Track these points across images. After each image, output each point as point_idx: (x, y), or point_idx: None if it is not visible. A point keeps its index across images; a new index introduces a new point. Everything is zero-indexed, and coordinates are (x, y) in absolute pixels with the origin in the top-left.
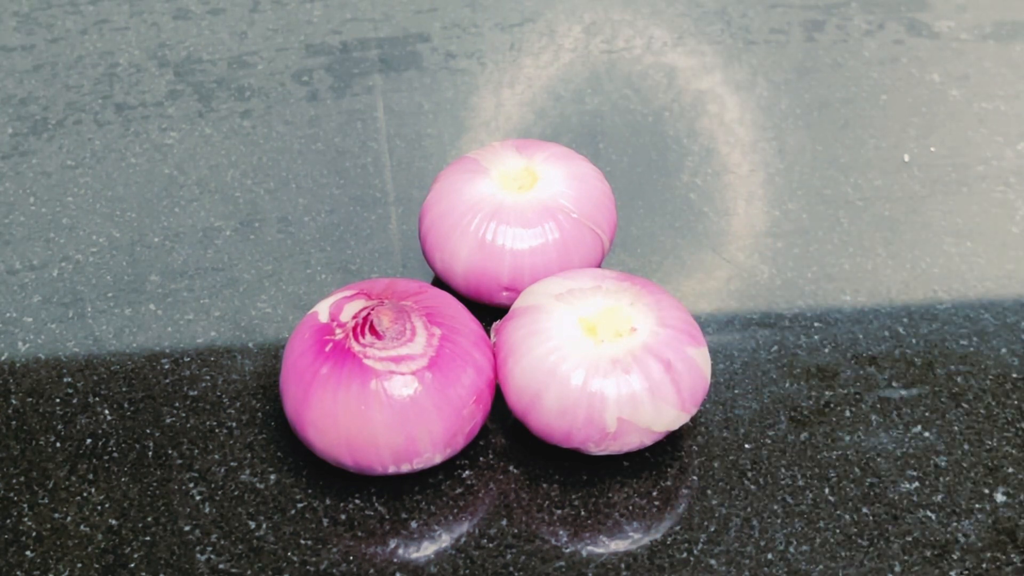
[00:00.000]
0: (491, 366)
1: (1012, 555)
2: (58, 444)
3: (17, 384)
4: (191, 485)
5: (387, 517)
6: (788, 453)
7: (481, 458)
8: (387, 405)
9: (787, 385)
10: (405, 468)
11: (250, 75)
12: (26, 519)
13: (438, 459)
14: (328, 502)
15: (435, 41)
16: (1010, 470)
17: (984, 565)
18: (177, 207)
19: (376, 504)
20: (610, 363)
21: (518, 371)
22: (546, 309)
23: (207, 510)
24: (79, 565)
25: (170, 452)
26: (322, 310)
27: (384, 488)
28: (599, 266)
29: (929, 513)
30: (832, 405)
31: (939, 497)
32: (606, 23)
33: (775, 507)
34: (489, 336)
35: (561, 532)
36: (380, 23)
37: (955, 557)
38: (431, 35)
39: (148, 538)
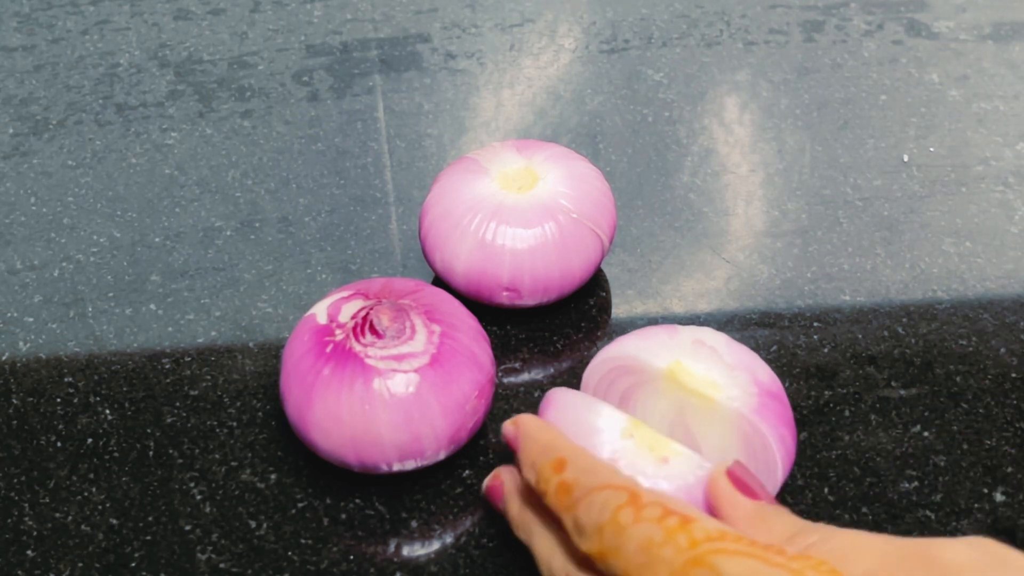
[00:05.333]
0: (491, 361)
1: None
2: (59, 444)
3: (18, 384)
4: (192, 484)
5: (387, 516)
6: None
7: (481, 458)
8: (391, 403)
9: (787, 385)
10: (410, 465)
11: (250, 75)
12: (27, 518)
13: (442, 455)
14: (328, 502)
15: (435, 41)
16: (1009, 469)
17: None
18: (178, 207)
19: (376, 504)
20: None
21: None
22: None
23: (208, 509)
24: (80, 564)
25: (171, 452)
26: (320, 312)
27: (384, 488)
28: (599, 266)
29: (928, 513)
30: (832, 405)
31: (938, 497)
32: (606, 23)
33: None
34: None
35: None
36: (380, 23)
37: None
38: (431, 35)
39: (149, 537)
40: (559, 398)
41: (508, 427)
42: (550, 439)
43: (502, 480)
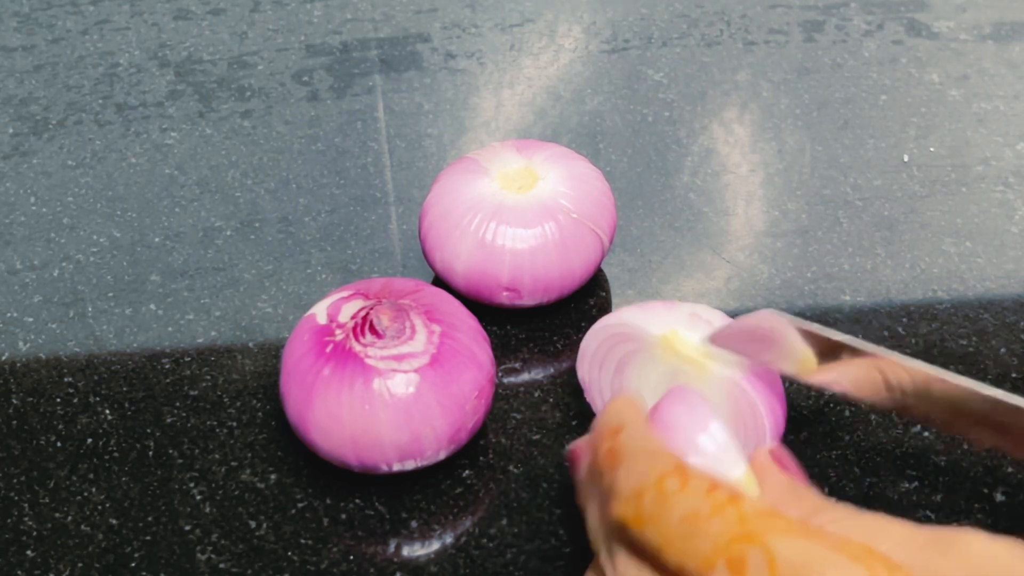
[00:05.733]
0: (491, 361)
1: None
2: (59, 444)
3: (18, 384)
4: (191, 485)
5: (387, 517)
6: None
7: (481, 458)
8: (391, 404)
9: (787, 385)
10: (410, 465)
11: (250, 75)
12: (27, 518)
13: (442, 455)
14: (328, 502)
15: (435, 41)
16: (1009, 470)
17: None
18: (178, 207)
19: (376, 504)
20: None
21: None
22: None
23: (207, 510)
24: (80, 564)
25: (171, 452)
26: (320, 312)
27: (384, 488)
28: (599, 266)
29: (928, 513)
30: (832, 405)
31: (938, 497)
32: (606, 23)
33: None
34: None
35: (561, 531)
36: (380, 23)
37: None
38: (431, 35)
39: (148, 537)
40: (689, 399)
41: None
42: (620, 407)
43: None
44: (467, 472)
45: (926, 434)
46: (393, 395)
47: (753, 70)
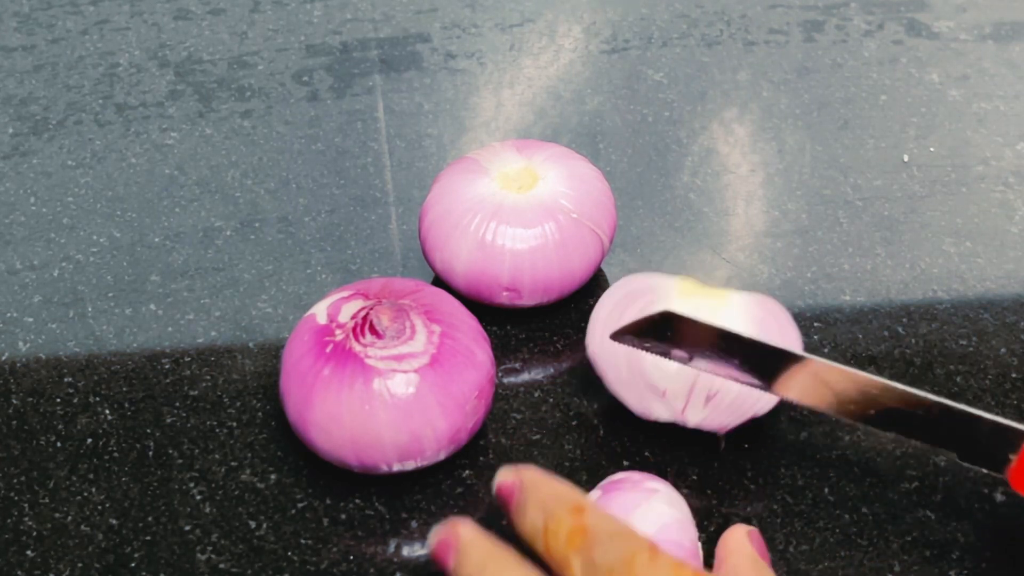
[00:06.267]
0: (491, 361)
1: (1011, 555)
2: (59, 444)
3: (18, 384)
4: (191, 485)
5: (387, 517)
6: (788, 453)
7: (481, 458)
8: (391, 404)
9: None
10: (410, 466)
11: (250, 75)
12: (27, 518)
13: (442, 456)
14: (328, 502)
15: (435, 41)
16: None
17: (984, 565)
18: (178, 207)
19: (376, 504)
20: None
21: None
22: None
23: (207, 510)
24: (80, 564)
25: (170, 452)
26: (320, 312)
27: (384, 488)
28: (599, 266)
29: (929, 513)
30: None
31: (938, 497)
32: (606, 23)
33: (775, 507)
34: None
35: None
36: (380, 23)
37: (954, 557)
38: (431, 35)
39: (148, 538)
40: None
41: (506, 474)
42: (565, 489)
43: (458, 531)
44: (467, 472)
45: None
46: (393, 395)
47: (753, 70)
